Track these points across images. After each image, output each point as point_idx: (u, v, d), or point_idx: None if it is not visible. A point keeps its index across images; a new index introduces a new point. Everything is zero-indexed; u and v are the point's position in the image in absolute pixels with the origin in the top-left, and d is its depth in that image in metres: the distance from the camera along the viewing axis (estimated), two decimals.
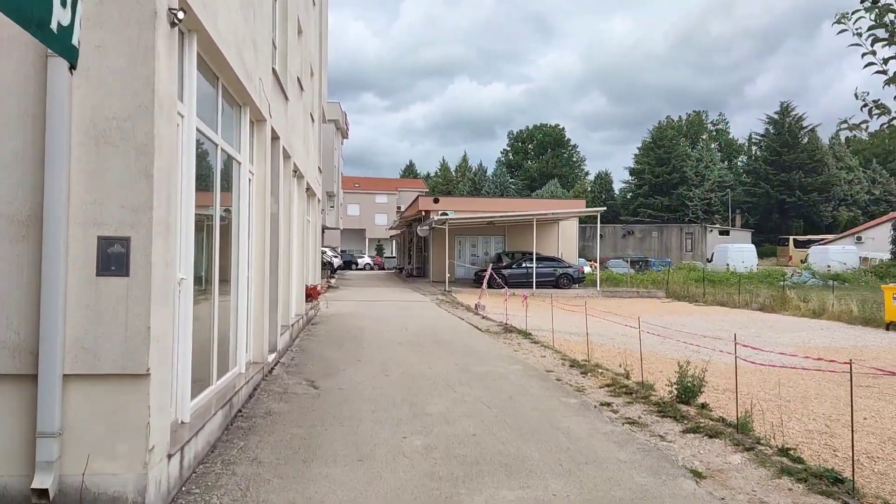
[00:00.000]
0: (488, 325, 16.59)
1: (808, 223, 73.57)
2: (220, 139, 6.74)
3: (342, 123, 64.93)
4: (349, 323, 16.04)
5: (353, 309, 19.95)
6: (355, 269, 60.15)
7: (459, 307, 22.00)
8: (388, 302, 23.20)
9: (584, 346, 13.48)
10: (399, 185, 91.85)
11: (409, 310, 20.26)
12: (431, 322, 16.76)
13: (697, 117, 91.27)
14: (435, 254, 34.65)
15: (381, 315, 18.27)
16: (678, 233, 58.26)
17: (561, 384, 8.92)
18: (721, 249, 47.01)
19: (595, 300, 27.50)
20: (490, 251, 35.67)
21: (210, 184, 6.66)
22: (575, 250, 35.47)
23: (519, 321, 16.99)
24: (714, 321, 20.34)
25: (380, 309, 20.25)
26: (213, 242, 6.75)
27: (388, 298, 24.92)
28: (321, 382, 8.79)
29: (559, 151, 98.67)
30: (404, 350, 11.78)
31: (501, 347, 12.40)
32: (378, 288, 31.42)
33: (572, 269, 30.55)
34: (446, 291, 28.23)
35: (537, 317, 19.25)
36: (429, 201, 35.28)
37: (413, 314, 18.79)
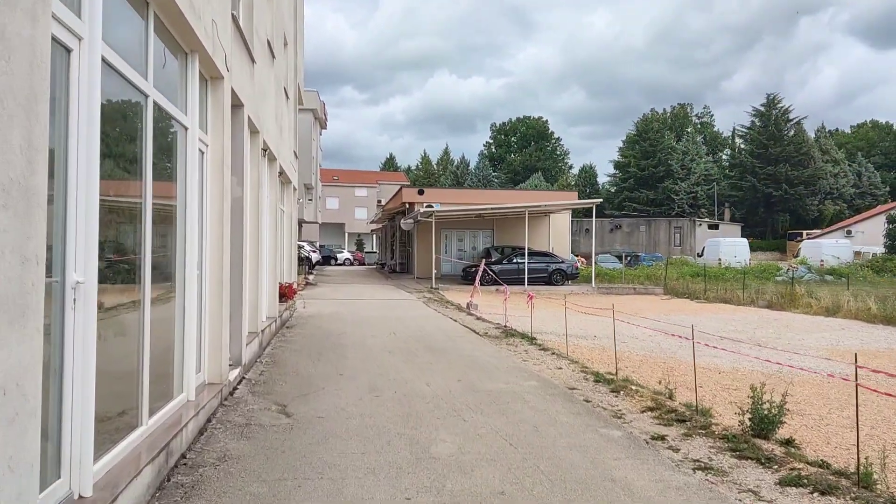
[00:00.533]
0: (485, 327, 14.88)
1: (794, 217, 72.85)
2: (151, 89, 4.92)
3: (320, 113, 62.71)
4: (329, 326, 14.23)
5: (334, 309, 18.14)
6: (335, 265, 58.20)
7: (449, 306, 20.27)
8: (372, 301, 21.41)
9: (600, 354, 11.83)
10: (379, 177, 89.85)
11: (395, 310, 18.48)
12: (421, 324, 15.00)
13: (682, 110, 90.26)
14: (419, 249, 32.87)
15: (365, 316, 16.48)
16: (667, 227, 57.00)
17: (592, 407, 7.22)
18: (712, 244, 45.76)
19: (591, 297, 25.92)
20: (478, 246, 33.96)
21: (140, 151, 4.85)
22: (567, 245, 33.90)
23: (517, 322, 15.31)
24: (724, 320, 18.82)
25: (363, 309, 18.45)
26: (144, 230, 4.95)
27: (372, 297, 23.12)
28: (295, 407, 7.00)
29: (542, 144, 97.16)
30: (395, 361, 10.02)
31: (507, 356, 10.68)
32: (360, 285, 29.59)
33: (566, 264, 28.94)
34: (433, 289, 26.48)
35: (534, 316, 17.60)
36: (413, 193, 33.47)
37: (400, 315, 17.02)
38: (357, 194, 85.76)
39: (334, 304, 19.84)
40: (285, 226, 16.25)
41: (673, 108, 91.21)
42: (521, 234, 32.86)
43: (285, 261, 16.37)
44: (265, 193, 11.77)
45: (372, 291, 25.55)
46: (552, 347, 11.75)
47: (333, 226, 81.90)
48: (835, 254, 41.56)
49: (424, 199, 32.21)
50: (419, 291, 25.80)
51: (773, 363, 10.15)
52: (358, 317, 16.26)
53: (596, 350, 12.29)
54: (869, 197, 74.06)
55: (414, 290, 26.54)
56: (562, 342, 13.11)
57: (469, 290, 26.41)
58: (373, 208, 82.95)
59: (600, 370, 9.46)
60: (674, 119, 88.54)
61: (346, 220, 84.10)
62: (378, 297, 23.11)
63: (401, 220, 33.88)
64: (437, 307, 19.88)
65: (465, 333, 13.57)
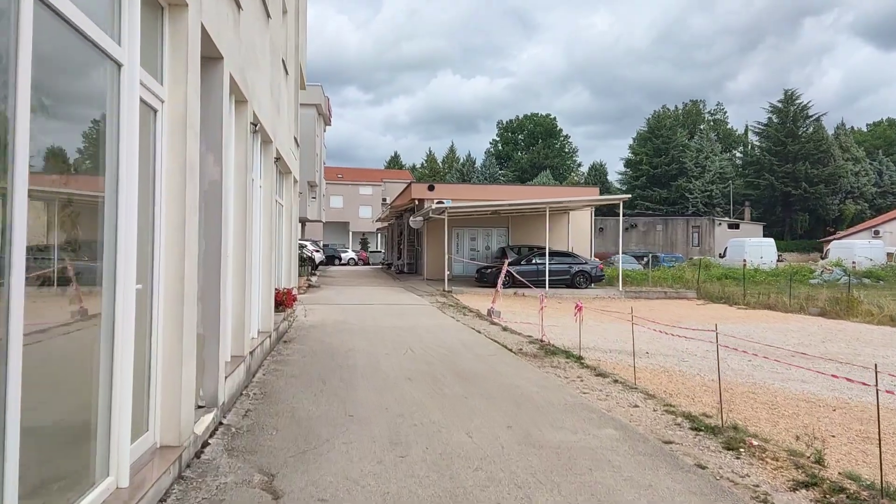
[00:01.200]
0: (516, 341, 12.71)
1: (813, 217, 70.52)
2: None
3: (324, 108, 60.53)
4: (334, 340, 12.07)
5: (339, 317, 15.98)
6: (339, 265, 56.12)
7: (467, 313, 18.11)
8: (381, 306, 19.24)
9: (669, 379, 9.64)
10: (384, 175, 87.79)
11: (407, 317, 16.32)
12: (441, 337, 12.83)
13: (695, 107, 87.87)
14: (429, 248, 30.71)
15: (375, 326, 14.32)
16: (684, 226, 54.74)
17: (714, 480, 5.03)
18: (736, 244, 43.49)
19: (619, 302, 23.76)
20: (492, 245, 31.77)
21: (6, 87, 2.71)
22: (588, 244, 31.69)
23: (550, 333, 13.15)
24: (780, 331, 16.61)
25: (372, 317, 16.29)
26: (11, 225, 2.79)
27: (380, 301, 20.95)
28: (288, 479, 4.85)
29: (550, 142, 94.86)
30: (418, 393, 7.85)
31: (558, 385, 8.51)
32: (366, 287, 27.42)
33: (589, 265, 26.74)
34: (446, 292, 24.32)
35: (562, 325, 15.51)
36: (423, 189, 31.31)
37: (414, 324, 14.86)
38: (361, 192, 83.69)
39: (339, 310, 17.69)
40: (284, 222, 14.11)
41: (685, 105, 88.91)
42: (539, 233, 30.69)
43: (284, 263, 14.22)
44: (257, 180, 9.62)
45: (380, 295, 23.40)
46: (608, 371, 9.57)
47: (337, 224, 79.89)
48: (867, 255, 39.28)
49: (435, 196, 30.05)
50: (431, 295, 23.64)
51: (872, 390, 7.94)
52: (367, 327, 14.10)
53: (661, 373, 10.10)
54: (891, 196, 71.68)
55: (425, 293, 24.38)
56: (615, 362, 10.95)
57: (486, 293, 24.26)
58: (377, 207, 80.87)
59: (691, 409, 7.27)
60: (686, 116, 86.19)
61: (351, 218, 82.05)
62: (387, 301, 20.95)
63: (409, 217, 31.74)
64: (453, 314, 17.72)
65: (497, 350, 11.39)
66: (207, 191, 6.19)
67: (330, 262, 54.41)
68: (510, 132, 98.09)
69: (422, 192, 30.99)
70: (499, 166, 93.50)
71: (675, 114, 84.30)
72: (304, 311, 16.82)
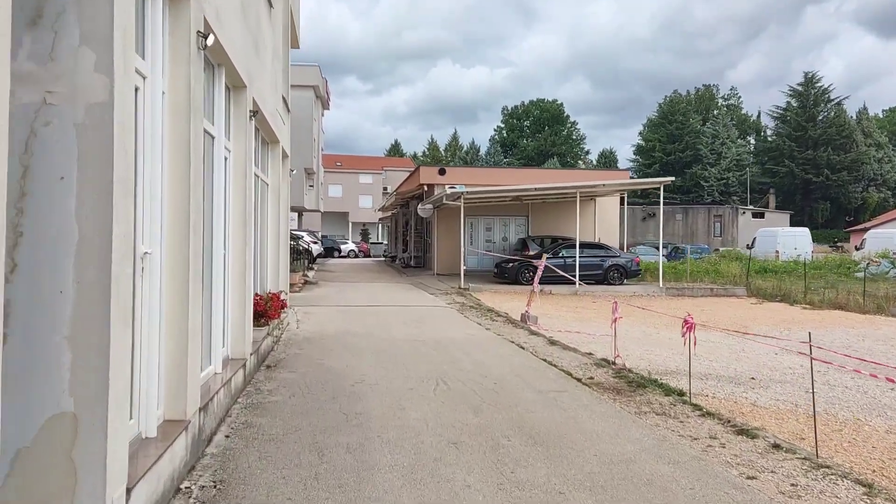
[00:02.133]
0: (579, 362, 9.60)
1: (835, 206, 67.39)
2: None
3: (322, 91, 57.10)
4: (335, 364, 8.93)
5: (340, 324, 12.85)
6: (338, 257, 53.00)
7: (496, 317, 15.00)
8: (390, 309, 16.11)
9: (807, 422, 6.49)
10: (385, 163, 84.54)
11: (426, 325, 13.19)
12: (480, 358, 9.70)
13: (707, 91, 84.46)
14: (440, 239, 27.55)
15: (388, 339, 11.19)
16: (705, 215, 51.58)
17: None
18: (767, 234, 40.38)
19: (662, 301, 20.67)
20: (509, 236, 28.59)
21: None
22: (617, 235, 28.53)
23: (599, 345, 10.04)
24: (881, 339, 13.50)
25: (382, 324, 13.17)
26: None
27: (389, 301, 17.82)
28: None
29: (557, 128, 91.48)
30: (475, 480, 4.71)
31: (689, 454, 5.37)
32: (371, 284, 24.29)
33: (623, 258, 23.59)
34: (462, 289, 21.20)
35: (606, 329, 12.47)
36: (432, 173, 28.10)
37: (438, 336, 11.74)
38: (362, 181, 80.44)
39: (341, 315, 14.56)
40: (271, 207, 10.97)
41: (697, 90, 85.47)
42: (562, 223, 27.60)
43: (271, 260, 11.08)
44: (220, 139, 6.45)
45: (387, 293, 20.26)
46: (744, 422, 6.45)
47: (336, 215, 76.67)
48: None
49: (446, 181, 26.87)
50: (446, 293, 20.52)
51: None
52: (377, 341, 10.96)
53: (796, 415, 6.95)
54: None
55: (438, 291, 21.25)
56: (725, 396, 7.85)
57: (508, 291, 21.12)
58: (378, 196, 77.60)
59: None
60: (698, 101, 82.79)
61: (350, 208, 78.84)
62: (396, 301, 17.81)
63: (417, 205, 28.56)
64: (479, 319, 14.62)
65: (562, 382, 8.25)
66: (85, 119, 3.06)
67: (329, 254, 51.28)
68: (515, 119, 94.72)
69: (431, 177, 27.79)
70: (504, 154, 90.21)
71: (687, 99, 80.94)
72: (297, 318, 13.69)
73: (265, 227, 10.65)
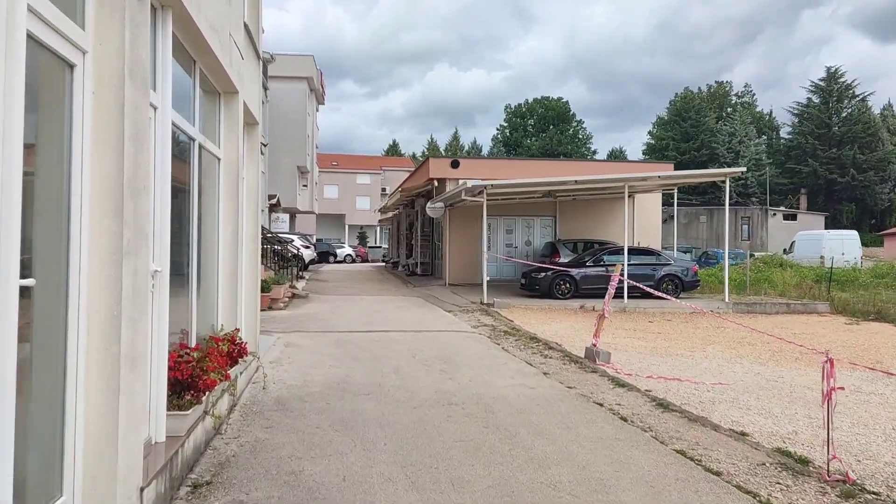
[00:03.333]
0: (751, 461, 5.55)
1: (859, 207, 63.58)
2: None
3: (317, 83, 53.03)
4: (321, 473, 4.88)
5: (334, 371, 8.80)
6: (334, 262, 48.96)
7: (547, 350, 11.02)
8: (402, 337, 12.08)
9: None
10: (384, 163, 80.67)
11: (457, 367, 9.16)
12: (569, 448, 5.66)
13: (721, 88, 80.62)
14: (453, 243, 23.52)
15: (407, 400, 7.15)
16: (732, 217, 47.68)
17: None
18: (809, 238, 36.51)
19: (733, 319, 16.66)
20: (534, 239, 24.55)
21: None
22: (658, 237, 24.59)
23: (741, 407, 5.99)
24: None
25: (395, 367, 9.15)
26: None
27: (398, 325, 13.79)
28: None
29: (563, 127, 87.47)
30: None
31: None
32: (372, 297, 20.27)
33: (679, 267, 19.59)
34: (486, 305, 17.21)
35: (707, 370, 8.58)
36: (444, 166, 24.08)
37: (482, 392, 7.71)
38: (359, 182, 76.40)
39: (335, 349, 10.53)
40: (224, 192, 6.97)
41: (709, 87, 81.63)
42: (595, 223, 23.72)
43: (224, 276, 7.05)
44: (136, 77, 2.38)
45: (395, 311, 16.23)
46: None
47: (332, 217, 72.68)
48: None
49: (459, 175, 22.91)
50: (466, 310, 16.52)
51: None
52: (392, 406, 6.92)
53: None
54: None
55: (456, 306, 17.25)
56: None
57: (543, 308, 17.05)
58: (377, 197, 73.48)
59: None
60: (711, 99, 78.93)
61: (347, 210, 74.79)
62: (408, 323, 13.79)
63: (425, 204, 24.54)
64: (525, 353, 10.65)
65: None
66: None
67: (323, 259, 47.22)
68: (519, 117, 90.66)
69: (443, 170, 23.79)
70: (507, 154, 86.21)
71: (700, 96, 77.08)
72: (276, 354, 9.67)
73: (213, 224, 6.66)
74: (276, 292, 16.72)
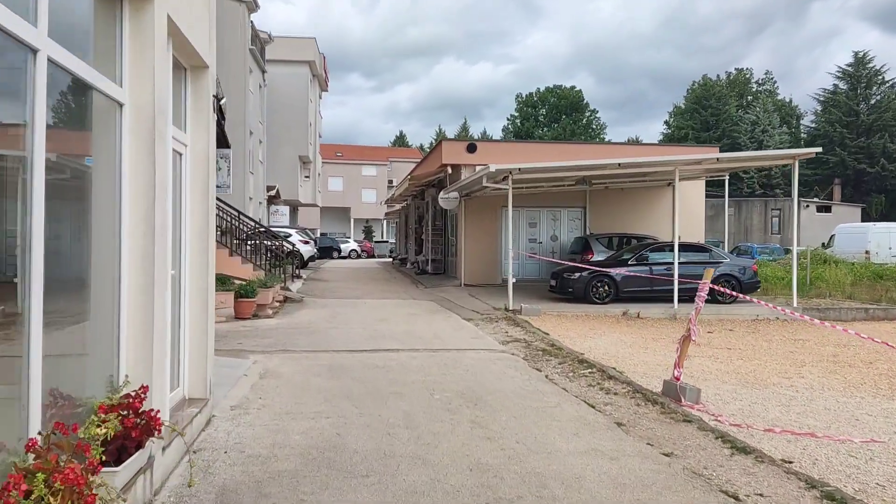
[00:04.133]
0: None
1: (890, 199, 60.46)
2: None
3: (319, 68, 50.19)
4: None
5: (321, 426, 6.10)
6: (337, 258, 46.35)
7: (606, 381, 8.35)
8: (415, 360, 9.39)
9: None
10: (391, 154, 77.95)
11: (495, 419, 6.47)
12: None
13: (741, 75, 77.34)
14: (470, 238, 20.81)
15: (431, 492, 4.46)
16: (761, 210, 44.80)
17: None
18: (851, 231, 33.66)
19: (808, 330, 13.95)
20: (560, 233, 21.79)
21: None
22: (701, 231, 21.84)
23: None
24: None
25: (405, 418, 6.49)
26: None
27: (409, 342, 11.11)
28: None
29: (576, 117, 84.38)
30: None
31: None
32: (378, 301, 17.61)
33: (736, 265, 16.81)
34: (513, 312, 14.53)
35: (791, 406, 6.07)
36: (458, 150, 21.36)
37: (542, 469, 5.02)
38: (365, 174, 73.71)
39: (327, 382, 7.85)
40: (142, 163, 4.28)
41: (728, 75, 78.40)
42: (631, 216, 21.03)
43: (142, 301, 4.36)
44: None
45: (404, 320, 13.55)
46: None
47: (337, 210, 70.06)
48: None
49: (476, 160, 20.19)
50: (489, 318, 13.85)
51: None
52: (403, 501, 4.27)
53: None
54: None
55: (477, 314, 14.59)
56: None
57: (582, 315, 14.29)
58: (383, 190, 70.74)
59: None
60: (730, 87, 75.71)
61: (352, 203, 72.15)
62: (422, 339, 11.09)
63: (437, 194, 21.83)
64: (579, 387, 8.03)
65: None
66: None
67: (327, 254, 44.61)
68: (530, 107, 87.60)
69: (457, 155, 21.07)
70: None
71: (718, 83, 73.88)
72: (241, 395, 6.99)
73: (107, 208, 4.01)
74: (263, 297, 14.09)
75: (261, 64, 37.48)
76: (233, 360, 8.98)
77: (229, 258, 17.49)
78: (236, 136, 29.79)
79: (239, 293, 13.56)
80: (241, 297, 13.55)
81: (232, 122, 28.85)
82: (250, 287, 13.79)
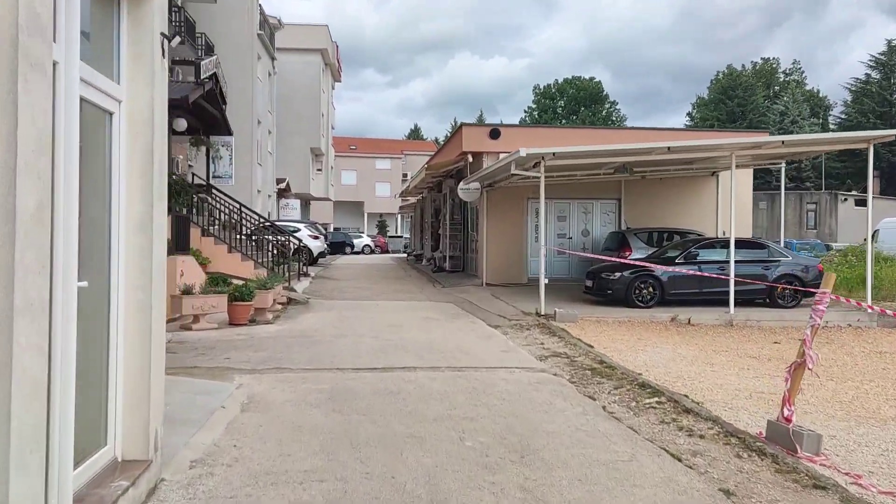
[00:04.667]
0: None
1: None
2: None
3: (332, 57, 48.34)
4: None
5: (304, 499, 4.35)
6: (350, 253, 44.72)
7: (684, 418, 6.49)
8: (433, 380, 7.61)
9: None
10: (405, 147, 76.22)
11: (545, 466, 4.68)
12: None
13: (767, 65, 74.74)
14: (492, 233, 18.98)
15: None
16: (796, 203, 42.66)
17: None
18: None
19: (887, 340, 12.05)
20: (592, 227, 19.92)
21: None
22: (749, 226, 19.96)
23: None
24: None
25: (428, 475, 4.69)
26: None
27: (428, 358, 9.33)
28: None
29: (596, 109, 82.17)
30: None
31: None
32: (391, 303, 15.89)
33: (798, 264, 14.88)
34: (545, 317, 12.71)
35: None
36: (480, 136, 19.52)
37: None
38: (378, 167, 72.02)
39: (326, 418, 6.08)
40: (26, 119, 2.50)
41: (754, 65, 75.82)
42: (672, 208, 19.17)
43: None
44: None
45: (421, 328, 11.77)
46: None
47: (350, 204, 68.45)
48: None
49: (500, 148, 18.36)
50: (519, 325, 12.05)
51: None
52: None
53: None
54: None
55: (503, 318, 12.82)
56: None
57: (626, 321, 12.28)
58: (397, 183, 68.91)
59: None
60: (757, 77, 73.16)
61: (366, 197, 70.50)
62: (444, 354, 9.32)
63: (456, 185, 20.03)
64: (650, 427, 6.25)
65: None
66: None
67: (339, 249, 42.96)
68: (548, 98, 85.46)
69: (479, 142, 19.24)
70: None
71: (745, 73, 71.37)
72: (211, 439, 5.21)
73: None
74: (261, 300, 12.36)
75: (270, 51, 35.79)
76: (212, 383, 7.25)
77: (228, 254, 15.95)
78: (242, 124, 28.10)
79: (233, 296, 11.87)
80: (235, 301, 11.86)
81: (237, 109, 27.15)
82: (247, 289, 12.08)
